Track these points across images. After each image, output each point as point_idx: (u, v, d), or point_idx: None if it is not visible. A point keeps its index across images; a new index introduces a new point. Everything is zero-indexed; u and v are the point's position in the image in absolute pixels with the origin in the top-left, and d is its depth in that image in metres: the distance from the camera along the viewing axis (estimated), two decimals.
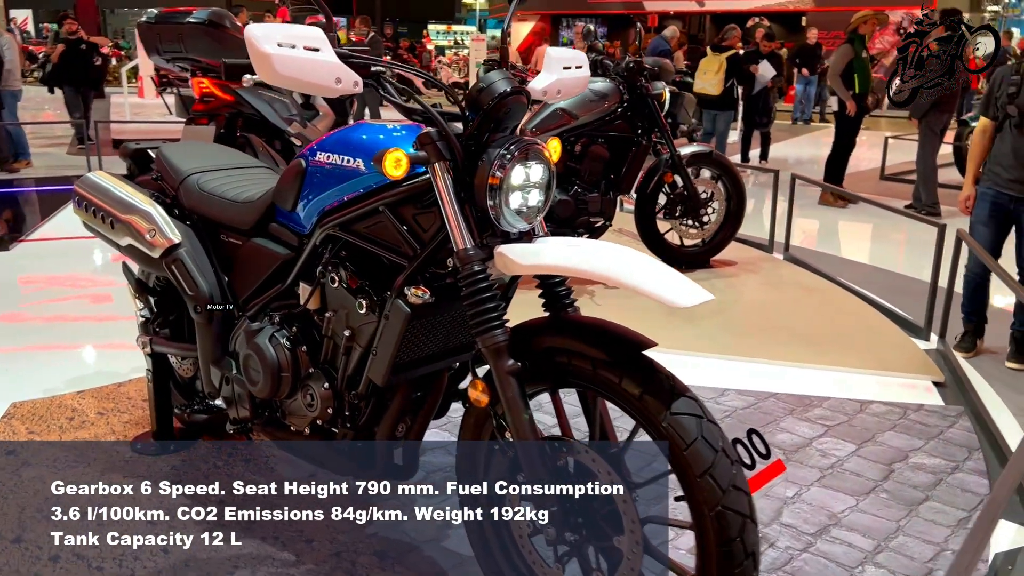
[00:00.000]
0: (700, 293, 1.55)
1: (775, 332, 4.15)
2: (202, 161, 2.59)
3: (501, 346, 1.72)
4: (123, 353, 3.70)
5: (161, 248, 2.37)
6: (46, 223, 6.63)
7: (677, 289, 1.55)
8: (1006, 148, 3.92)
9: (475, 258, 1.74)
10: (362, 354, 2.02)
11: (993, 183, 3.98)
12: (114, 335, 4.03)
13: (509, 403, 1.72)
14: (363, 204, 1.93)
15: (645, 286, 1.55)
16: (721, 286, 4.94)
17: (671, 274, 1.60)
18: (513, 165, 1.73)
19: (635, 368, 1.61)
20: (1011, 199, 3.93)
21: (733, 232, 5.32)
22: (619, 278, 1.58)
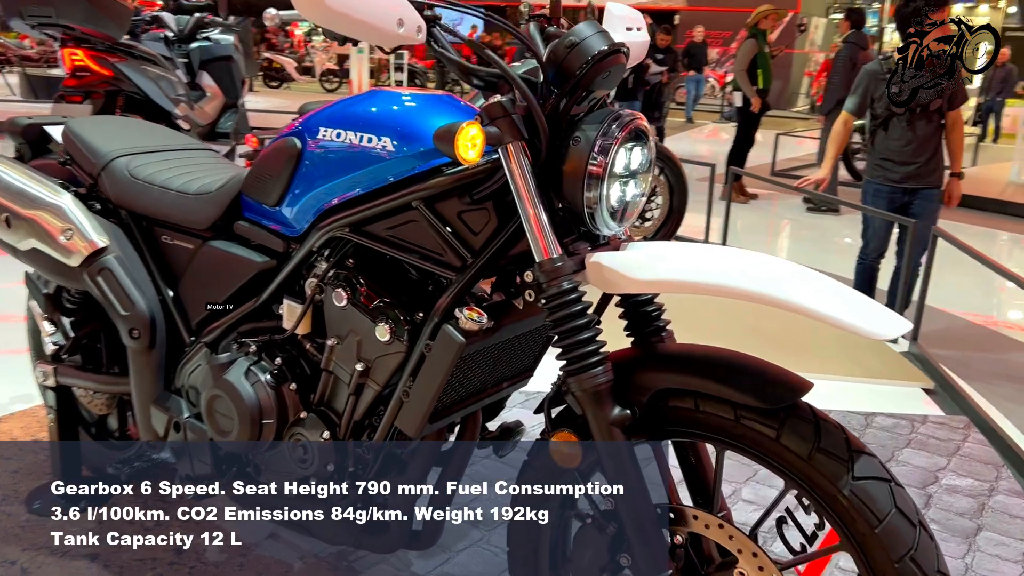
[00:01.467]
0: (898, 321, 1.18)
1: (740, 336, 3.88)
2: (129, 140, 2.01)
3: (603, 389, 1.30)
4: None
5: (81, 254, 1.79)
6: None
7: (872, 317, 1.17)
8: (898, 143, 4.03)
9: (565, 271, 1.31)
10: (378, 393, 1.55)
11: (885, 179, 4.12)
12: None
13: (613, 464, 1.30)
14: (389, 198, 1.46)
15: (831, 313, 1.17)
16: None
17: (856, 297, 1.22)
18: (618, 148, 1.31)
19: (798, 418, 1.23)
20: (905, 192, 4.11)
21: (675, 228, 5.06)
22: (791, 301, 1.18)
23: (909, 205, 4.14)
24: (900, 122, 3.96)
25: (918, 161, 4.02)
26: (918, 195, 4.11)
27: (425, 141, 1.41)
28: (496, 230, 1.41)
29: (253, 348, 1.67)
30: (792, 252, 6.78)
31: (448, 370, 1.41)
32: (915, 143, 3.99)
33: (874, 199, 4.26)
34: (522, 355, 1.65)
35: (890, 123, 4.01)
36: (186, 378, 1.82)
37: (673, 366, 1.31)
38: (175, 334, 1.85)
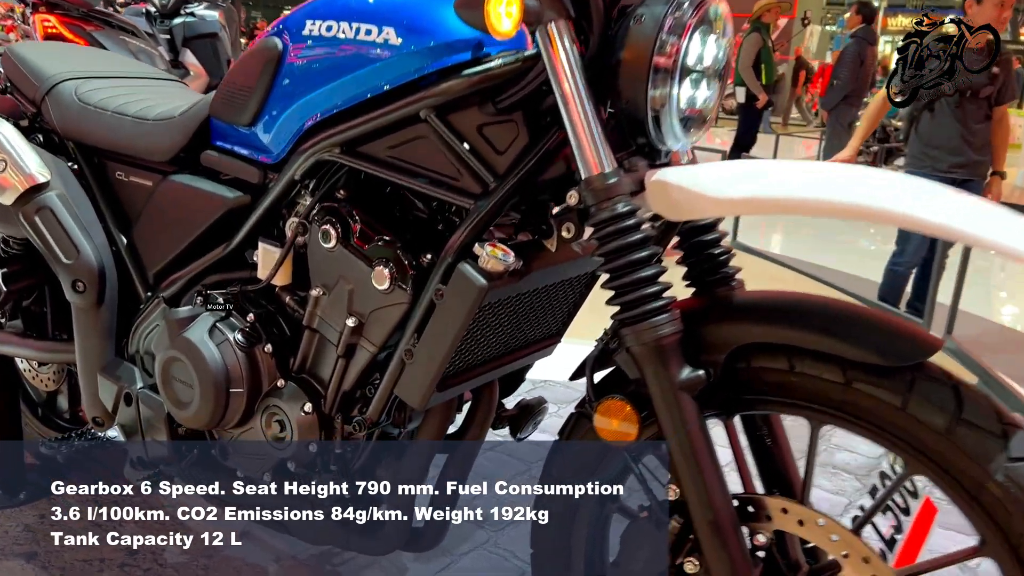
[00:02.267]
0: None
1: None
2: (79, 64, 1.70)
3: (670, 342, 1.00)
4: None
5: (16, 191, 1.49)
6: None
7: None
8: (946, 130, 3.73)
9: (621, 190, 1.01)
10: (373, 356, 1.24)
11: (932, 169, 3.75)
12: None
13: (681, 442, 1.00)
14: (390, 108, 1.16)
15: (971, 230, 0.87)
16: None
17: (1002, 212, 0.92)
18: (692, 32, 1.01)
19: (931, 380, 0.93)
20: (954, 182, 3.68)
21: None
22: (918, 216, 0.89)
23: None
24: (948, 107, 3.66)
25: (968, 150, 3.72)
26: (964, 188, 3.82)
27: (438, 33, 1.11)
28: (526, 148, 1.11)
29: (220, 301, 1.36)
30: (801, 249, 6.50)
31: (464, 322, 1.11)
32: (964, 130, 3.70)
33: None
34: (551, 313, 1.35)
35: (936, 107, 3.71)
36: (141, 342, 1.52)
37: (759, 315, 1.02)
38: (129, 289, 1.54)
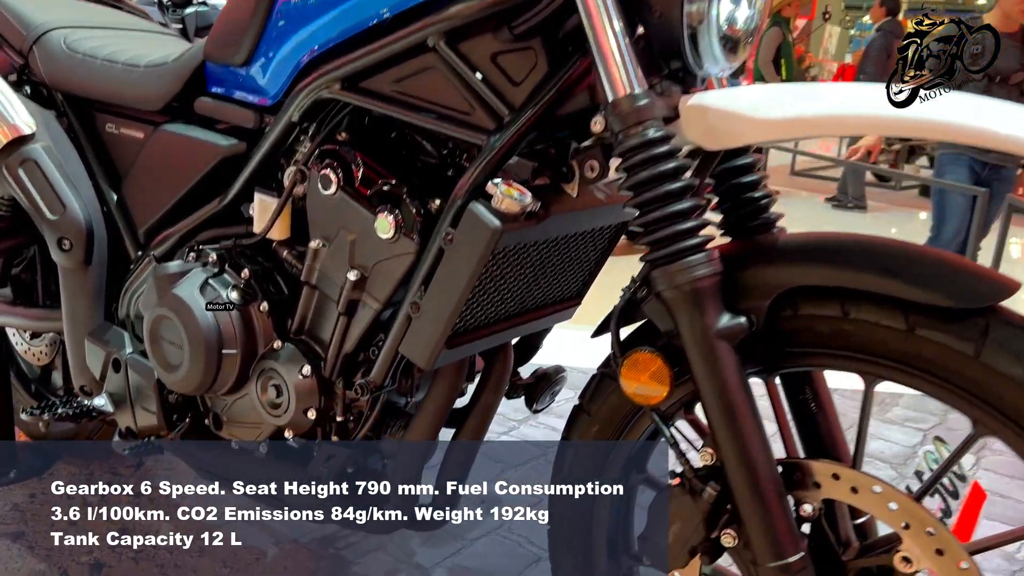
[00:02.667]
0: None
1: None
2: (68, 13, 1.61)
3: (707, 285, 0.89)
4: None
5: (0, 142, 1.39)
6: None
7: None
8: None
9: (652, 114, 0.90)
10: (377, 313, 1.14)
11: (964, 152, 3.64)
12: None
13: (720, 398, 0.89)
14: (395, 37, 1.05)
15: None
16: None
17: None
18: None
19: (1008, 326, 0.81)
20: (985, 166, 3.65)
21: None
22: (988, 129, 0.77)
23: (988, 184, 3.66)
24: (977, 91, 3.55)
25: None
26: (1000, 173, 3.67)
27: None
28: (545, 78, 1.00)
29: (213, 257, 1.26)
30: None
31: (476, 269, 1.01)
32: None
33: (952, 169, 3.74)
34: (570, 271, 1.24)
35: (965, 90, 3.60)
36: (131, 304, 1.42)
37: (810, 256, 0.90)
38: (119, 249, 1.44)
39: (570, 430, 1.10)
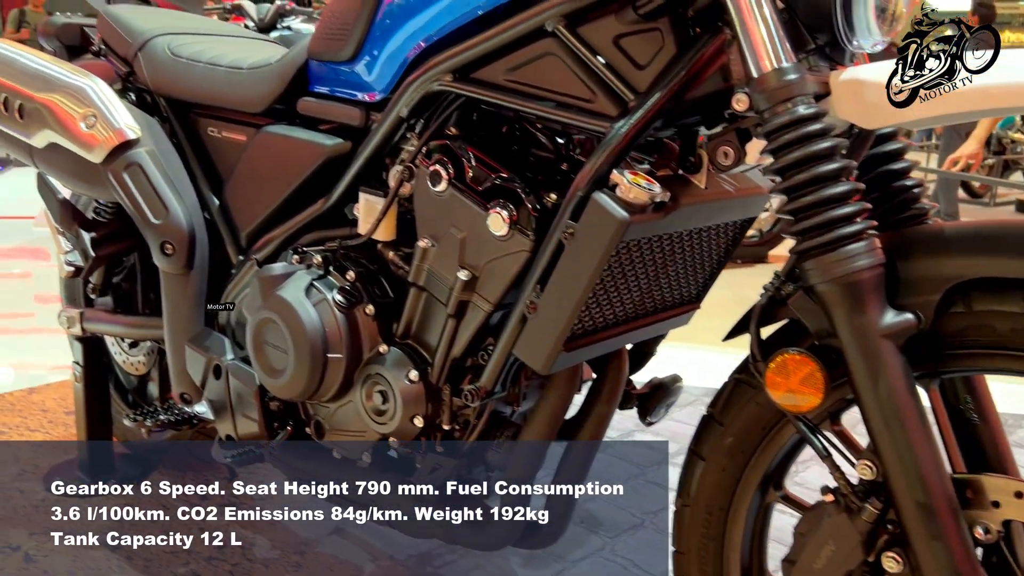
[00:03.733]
0: None
1: None
2: (172, 21, 1.62)
3: (869, 277, 0.80)
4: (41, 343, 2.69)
5: (106, 147, 1.38)
6: None
7: None
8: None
9: (803, 90, 0.82)
10: (488, 315, 1.08)
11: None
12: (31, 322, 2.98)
13: (885, 404, 0.79)
14: (511, 23, 1.00)
15: None
16: None
17: None
18: None
19: None
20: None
21: None
22: None
23: None
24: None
25: None
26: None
27: None
28: (673, 60, 0.93)
29: (318, 259, 1.22)
30: None
31: (600, 264, 0.94)
32: None
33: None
34: (691, 270, 1.15)
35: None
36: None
37: (988, 245, 0.80)
38: (220, 253, 1.42)
39: (700, 442, 1.01)
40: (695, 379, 1.68)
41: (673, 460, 2.11)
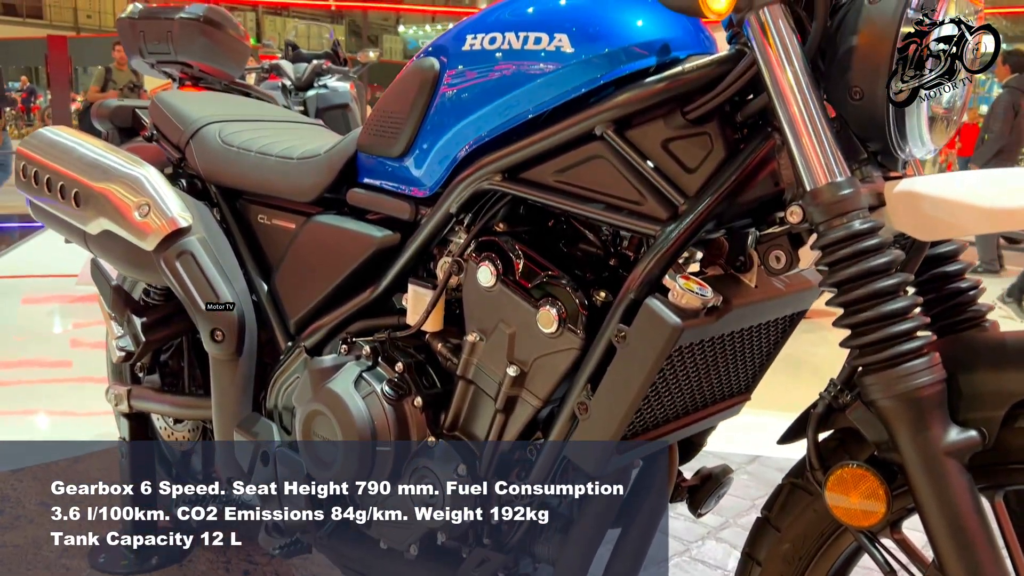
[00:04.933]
0: None
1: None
2: (222, 108, 1.66)
3: (931, 394, 0.79)
4: (83, 419, 2.72)
5: (158, 235, 1.42)
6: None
7: None
8: None
9: (858, 204, 0.82)
10: (536, 411, 1.08)
11: None
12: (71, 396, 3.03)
13: (949, 521, 0.78)
14: (560, 127, 1.01)
15: None
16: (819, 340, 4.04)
17: None
18: (943, 8, 0.83)
19: None
20: None
21: None
22: None
23: None
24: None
25: None
26: None
27: (613, 38, 0.98)
28: (722, 164, 0.94)
29: (366, 350, 1.23)
30: None
31: (653, 369, 0.94)
32: None
33: None
34: (742, 364, 1.15)
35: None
36: (280, 396, 1.41)
37: None
38: (269, 339, 1.44)
39: (755, 546, 1.00)
40: (724, 445, 1.63)
41: (717, 535, 2.09)
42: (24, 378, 3.25)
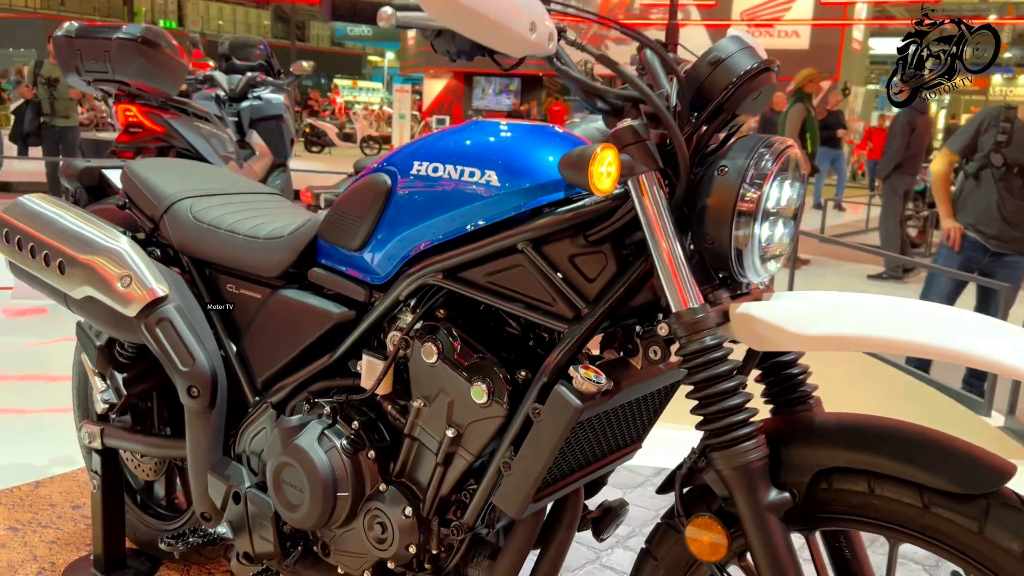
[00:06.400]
0: None
1: None
2: (192, 183, 1.87)
3: (758, 466, 1.08)
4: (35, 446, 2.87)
5: (139, 303, 1.63)
6: None
7: None
8: (984, 202, 3.87)
9: (708, 324, 1.11)
10: (470, 464, 1.34)
11: (977, 237, 3.93)
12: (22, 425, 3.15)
13: (770, 559, 1.07)
14: (490, 240, 1.28)
15: None
16: None
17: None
18: (772, 181, 1.12)
19: (1006, 506, 1.00)
20: (989, 253, 3.91)
21: None
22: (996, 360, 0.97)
23: (991, 270, 3.92)
24: (991, 179, 3.77)
25: (1006, 226, 3.80)
26: (1002, 261, 3.88)
27: (533, 176, 1.24)
28: (614, 277, 1.22)
29: (327, 410, 1.48)
30: None
31: (560, 439, 1.21)
32: (1003, 205, 3.79)
33: (946, 259, 4.03)
34: (635, 422, 1.44)
35: (982, 177, 3.83)
36: (248, 443, 1.64)
37: (841, 440, 1.10)
38: (238, 393, 1.67)
39: (638, 572, 1.29)
40: (642, 459, 1.90)
41: (624, 543, 2.39)
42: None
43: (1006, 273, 3.84)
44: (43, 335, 4.29)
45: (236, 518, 1.60)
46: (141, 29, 4.61)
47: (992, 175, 3.82)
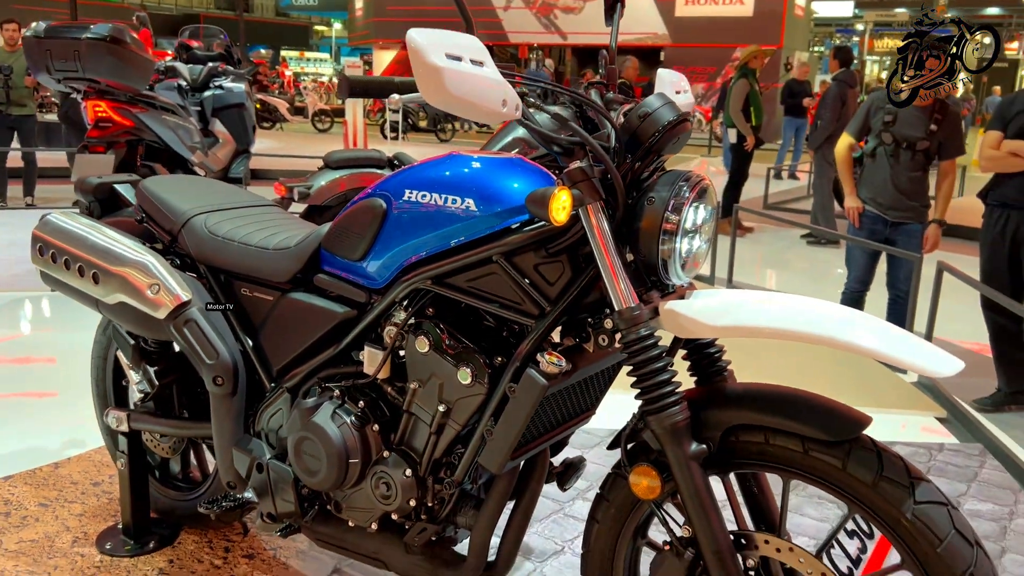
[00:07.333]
0: (952, 360, 1.31)
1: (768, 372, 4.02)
2: (203, 199, 2.14)
3: (681, 426, 1.43)
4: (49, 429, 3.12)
5: (168, 307, 1.92)
6: None
7: (930, 356, 1.31)
8: (880, 177, 4.23)
9: (643, 319, 1.44)
10: (458, 432, 1.67)
11: (877, 209, 4.31)
12: (33, 408, 3.39)
13: (692, 496, 1.42)
14: (470, 253, 1.59)
15: (896, 355, 1.31)
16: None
17: (912, 339, 1.36)
18: (689, 207, 1.45)
19: (862, 449, 1.36)
20: (888, 223, 4.29)
21: None
22: (858, 344, 1.32)
23: (893, 238, 4.31)
24: (886, 154, 4.17)
25: (901, 197, 4.20)
26: (901, 229, 4.27)
27: (504, 202, 1.55)
28: (570, 281, 1.54)
29: (337, 392, 1.79)
30: (792, 283, 6.95)
31: (531, 410, 1.54)
32: (896, 178, 4.17)
33: (854, 234, 4.44)
34: (589, 394, 1.77)
35: (876, 154, 4.22)
36: (266, 422, 1.94)
37: (743, 404, 1.44)
38: (255, 381, 1.96)
39: (595, 511, 1.63)
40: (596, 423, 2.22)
41: (584, 495, 2.75)
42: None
43: (905, 240, 4.25)
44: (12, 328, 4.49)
45: (260, 485, 1.91)
46: (109, 28, 4.78)
47: (884, 152, 4.20)
